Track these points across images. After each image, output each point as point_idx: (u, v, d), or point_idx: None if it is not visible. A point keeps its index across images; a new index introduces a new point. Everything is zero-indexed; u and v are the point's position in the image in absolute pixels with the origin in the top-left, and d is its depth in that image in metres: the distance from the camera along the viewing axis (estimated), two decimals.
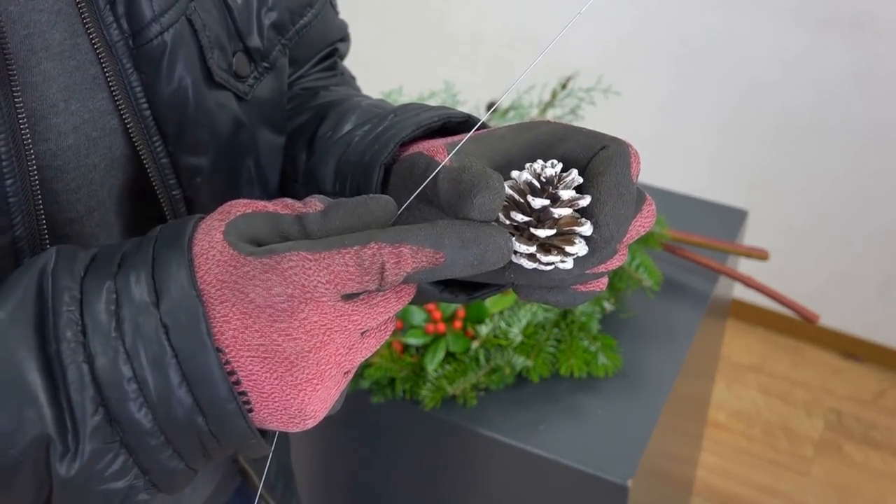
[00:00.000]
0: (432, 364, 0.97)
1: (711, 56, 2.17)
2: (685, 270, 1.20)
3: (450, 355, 0.99)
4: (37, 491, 0.39)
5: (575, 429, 0.96)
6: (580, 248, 0.41)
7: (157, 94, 0.48)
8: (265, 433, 0.42)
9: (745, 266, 1.36)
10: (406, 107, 0.53)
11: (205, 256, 0.38)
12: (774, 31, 2.08)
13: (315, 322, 0.38)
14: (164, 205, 0.51)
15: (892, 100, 2.02)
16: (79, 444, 0.37)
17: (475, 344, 0.99)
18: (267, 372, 0.38)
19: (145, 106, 0.48)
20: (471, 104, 1.26)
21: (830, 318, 2.27)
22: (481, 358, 0.98)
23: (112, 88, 0.47)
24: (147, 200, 0.52)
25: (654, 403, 0.99)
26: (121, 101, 0.48)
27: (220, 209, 0.40)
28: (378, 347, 0.41)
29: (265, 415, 0.39)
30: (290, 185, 0.59)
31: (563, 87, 1.21)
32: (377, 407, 1.01)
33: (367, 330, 0.40)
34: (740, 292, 1.88)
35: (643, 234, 0.44)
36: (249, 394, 0.39)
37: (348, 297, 0.39)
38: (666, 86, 2.26)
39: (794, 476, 1.98)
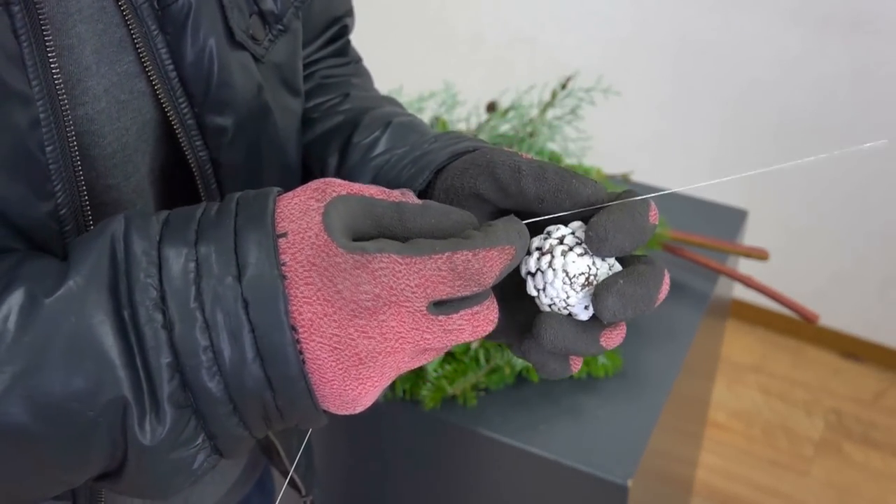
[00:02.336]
0: (432, 364, 0.97)
1: (711, 56, 2.17)
2: (685, 270, 1.20)
3: (450, 355, 0.99)
4: (110, 454, 0.40)
5: (575, 429, 0.96)
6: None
7: (183, 55, 0.49)
8: None
9: (745, 266, 1.36)
10: (444, 135, 0.55)
11: (300, 236, 0.39)
12: (774, 31, 2.08)
13: (392, 327, 0.39)
14: (192, 167, 0.52)
15: (892, 100, 2.02)
16: (159, 408, 0.38)
17: (475, 344, 0.99)
18: (333, 361, 0.39)
19: (171, 67, 0.49)
20: (471, 104, 1.26)
21: (830, 318, 2.27)
22: (481, 358, 0.98)
23: (139, 51, 0.48)
24: (178, 165, 0.53)
25: (654, 403, 0.99)
26: (148, 64, 0.48)
27: (314, 185, 0.41)
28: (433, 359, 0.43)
29: (319, 396, 0.41)
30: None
31: (563, 87, 1.21)
32: (377, 407, 1.01)
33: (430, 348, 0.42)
34: (740, 292, 1.89)
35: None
36: (310, 375, 0.40)
37: (435, 307, 0.40)
38: (666, 86, 2.26)
39: (794, 476, 1.98)
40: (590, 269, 0.42)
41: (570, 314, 0.43)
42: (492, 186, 0.46)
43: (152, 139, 0.51)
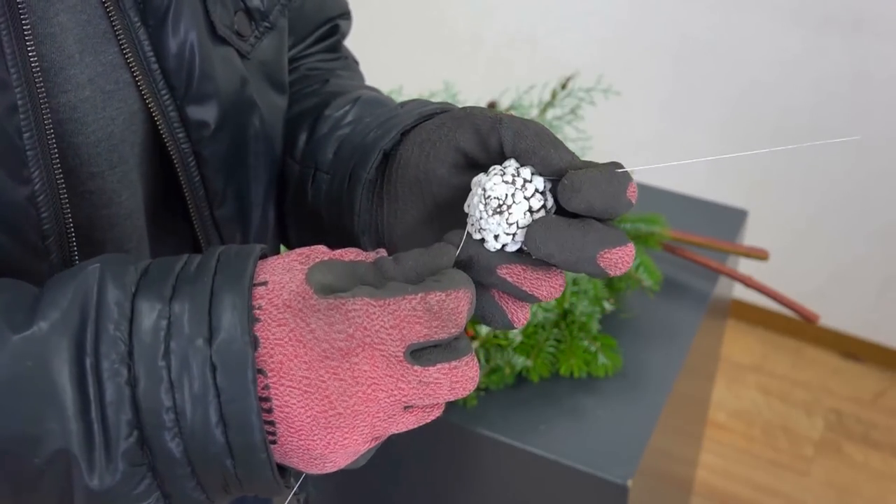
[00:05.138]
0: None
1: (711, 56, 2.17)
2: (685, 270, 1.20)
3: None
4: (59, 500, 0.39)
5: (575, 429, 0.96)
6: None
7: (165, 47, 0.49)
8: (286, 469, 0.42)
9: (745, 266, 1.36)
10: (411, 101, 0.55)
11: (280, 284, 0.39)
12: (774, 31, 2.08)
13: (365, 371, 0.38)
14: (175, 160, 0.52)
15: (892, 100, 2.02)
16: (111, 464, 0.37)
17: (475, 344, 0.99)
18: (302, 407, 0.38)
19: (153, 59, 0.49)
20: (471, 104, 1.26)
21: (830, 318, 2.26)
22: (481, 358, 0.98)
23: (121, 43, 0.48)
24: (164, 158, 0.53)
25: (654, 403, 0.99)
26: (130, 56, 0.48)
27: (299, 251, 0.41)
28: (416, 426, 0.41)
29: (287, 449, 0.40)
30: (287, 161, 0.60)
31: (563, 87, 1.21)
32: None
33: (412, 406, 0.40)
34: (740, 292, 1.88)
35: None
36: (277, 424, 0.39)
37: (413, 357, 0.39)
38: (666, 86, 2.26)
39: (794, 476, 1.98)
40: (506, 196, 0.42)
41: (482, 240, 0.43)
42: (472, 138, 0.45)
43: (140, 130, 0.51)
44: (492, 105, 1.22)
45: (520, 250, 0.43)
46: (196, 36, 0.50)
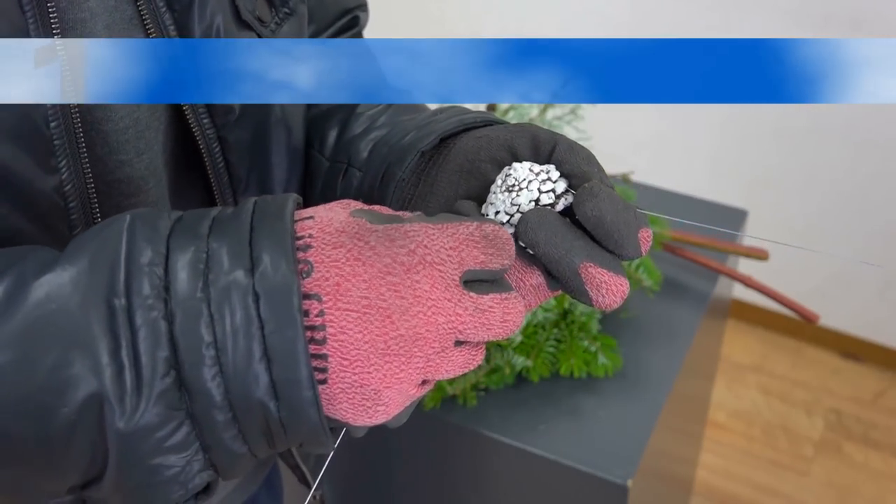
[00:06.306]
0: None
1: None
2: (685, 270, 1.20)
3: None
4: (90, 458, 0.37)
5: (575, 429, 0.96)
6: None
7: (191, 32, 0.49)
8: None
9: (745, 266, 1.36)
10: (449, 108, 0.55)
11: (327, 217, 0.39)
12: (774, 31, 2.07)
13: (425, 291, 0.37)
14: (200, 144, 0.52)
15: None
16: (140, 404, 0.35)
17: None
18: (360, 331, 0.37)
19: None
20: (470, 104, 1.26)
21: (830, 318, 2.26)
22: None
23: (147, 28, 0.48)
24: (188, 143, 0.53)
25: (654, 403, 0.99)
26: None
27: (337, 201, 0.41)
28: (462, 372, 0.41)
29: (338, 390, 0.37)
30: (315, 156, 0.61)
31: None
32: None
33: (463, 343, 0.40)
34: (740, 292, 1.88)
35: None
36: (330, 358, 0.37)
37: (466, 286, 0.39)
38: None
39: (794, 476, 1.98)
40: (523, 180, 0.43)
41: (486, 213, 0.45)
42: (528, 142, 0.46)
43: (164, 116, 0.51)
44: (492, 105, 1.22)
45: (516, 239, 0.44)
46: (222, 20, 0.50)
